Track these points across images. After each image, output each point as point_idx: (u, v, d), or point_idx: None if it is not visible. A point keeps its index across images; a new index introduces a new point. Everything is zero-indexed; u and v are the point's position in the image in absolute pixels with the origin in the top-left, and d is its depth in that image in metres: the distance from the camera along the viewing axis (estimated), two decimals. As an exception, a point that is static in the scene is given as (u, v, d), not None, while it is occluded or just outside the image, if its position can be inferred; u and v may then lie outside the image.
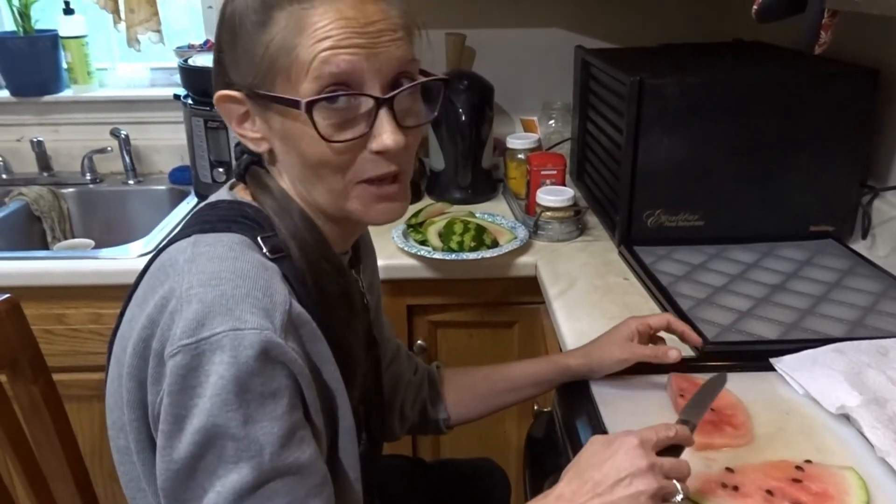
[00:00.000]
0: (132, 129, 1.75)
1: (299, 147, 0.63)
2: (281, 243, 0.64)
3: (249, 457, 0.56)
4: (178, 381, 0.55)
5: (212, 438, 0.55)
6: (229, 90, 0.64)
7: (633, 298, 1.11)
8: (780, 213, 1.25)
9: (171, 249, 0.64)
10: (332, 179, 0.64)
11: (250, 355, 0.55)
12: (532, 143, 1.51)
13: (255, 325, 0.56)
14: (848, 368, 0.84)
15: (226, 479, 0.55)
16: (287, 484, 0.57)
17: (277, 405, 0.57)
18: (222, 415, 0.55)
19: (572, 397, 0.89)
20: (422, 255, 1.26)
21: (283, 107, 0.61)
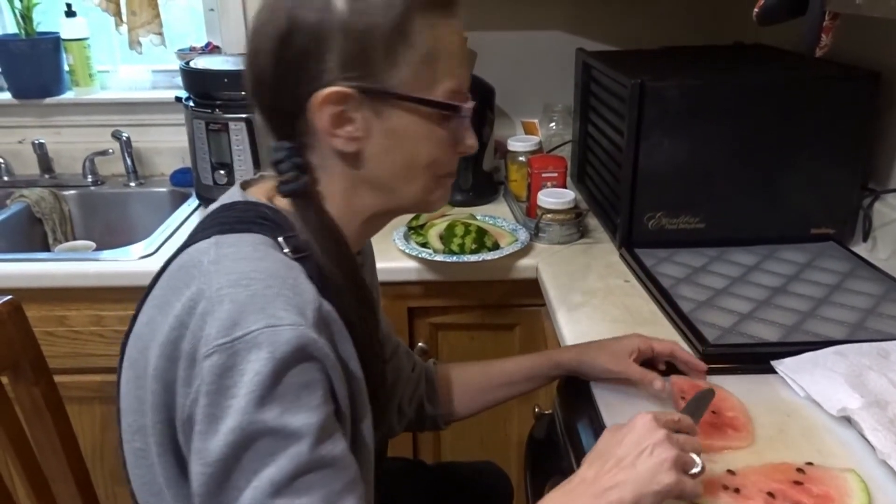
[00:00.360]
0: (133, 132, 1.76)
1: (415, 146, 0.67)
2: (302, 243, 0.65)
3: (287, 447, 0.55)
4: (215, 380, 0.55)
5: (248, 437, 0.54)
6: (332, 88, 0.62)
7: (634, 301, 1.11)
8: (780, 215, 1.25)
9: (191, 251, 0.64)
10: (427, 176, 0.69)
11: (287, 351, 0.55)
12: (533, 146, 1.51)
13: (291, 321, 0.56)
14: (849, 371, 0.84)
15: (262, 474, 0.55)
16: (323, 477, 0.56)
17: (312, 397, 0.57)
18: (258, 410, 0.54)
19: (573, 399, 0.89)
20: (423, 258, 1.26)
21: (410, 107, 0.65)
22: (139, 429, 0.64)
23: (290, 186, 0.67)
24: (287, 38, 0.62)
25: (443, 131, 0.68)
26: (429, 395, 0.95)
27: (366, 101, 0.64)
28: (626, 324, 1.04)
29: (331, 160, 0.67)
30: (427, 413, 0.95)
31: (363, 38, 0.62)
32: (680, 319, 1.00)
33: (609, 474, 0.59)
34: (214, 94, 1.45)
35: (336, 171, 0.68)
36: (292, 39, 0.62)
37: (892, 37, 1.21)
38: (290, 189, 0.67)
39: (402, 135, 0.66)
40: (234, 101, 1.43)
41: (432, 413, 0.95)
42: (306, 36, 0.62)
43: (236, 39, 1.73)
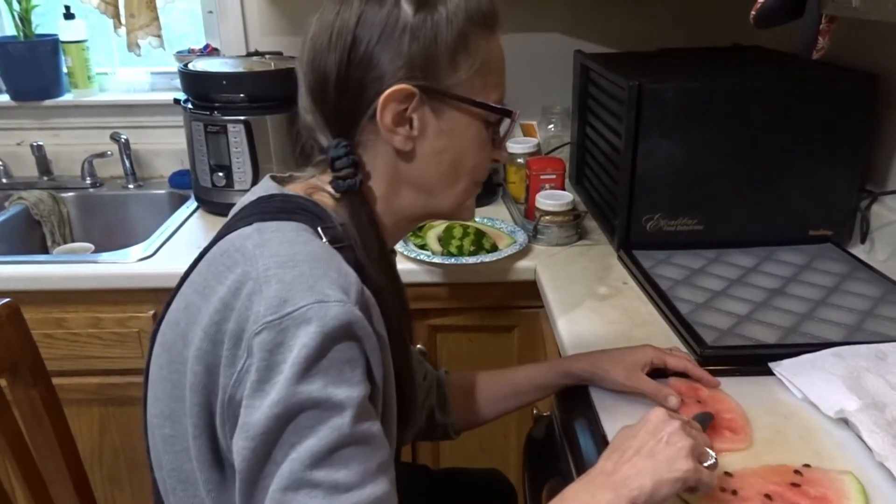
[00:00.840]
0: (132, 134, 1.76)
1: (464, 148, 0.71)
2: (341, 235, 0.67)
3: (328, 419, 0.56)
4: (265, 356, 0.56)
5: (291, 409, 0.55)
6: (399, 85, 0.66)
7: (632, 303, 1.11)
8: (779, 217, 1.25)
9: (231, 237, 0.65)
10: (467, 181, 0.73)
11: (335, 326, 0.56)
12: (531, 148, 1.52)
13: (338, 298, 0.58)
14: (846, 373, 0.84)
15: (302, 446, 0.55)
16: (361, 452, 0.57)
17: (354, 373, 0.58)
18: (303, 383, 0.55)
19: (572, 402, 0.89)
20: (421, 260, 1.26)
21: (465, 109, 0.69)
22: (171, 414, 0.65)
23: (346, 183, 0.69)
24: (357, 41, 0.66)
25: (487, 136, 0.72)
26: (440, 403, 0.95)
27: (426, 102, 0.68)
28: (624, 326, 1.04)
29: (381, 158, 0.71)
30: (438, 422, 0.95)
31: (430, 42, 0.66)
32: (678, 321, 1.00)
33: (628, 464, 0.61)
34: (213, 96, 1.45)
35: (384, 171, 0.71)
36: (361, 42, 0.66)
37: (888, 39, 1.22)
38: (346, 185, 0.69)
39: (455, 135, 0.70)
40: (232, 103, 1.44)
41: (443, 422, 0.95)
42: (375, 39, 0.66)
43: (235, 41, 1.73)
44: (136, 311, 1.33)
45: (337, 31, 0.67)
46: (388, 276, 0.69)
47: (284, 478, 0.55)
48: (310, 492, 0.54)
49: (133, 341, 1.34)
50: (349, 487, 0.55)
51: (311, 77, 0.69)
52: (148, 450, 0.70)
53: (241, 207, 0.71)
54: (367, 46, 0.66)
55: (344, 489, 0.55)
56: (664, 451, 0.61)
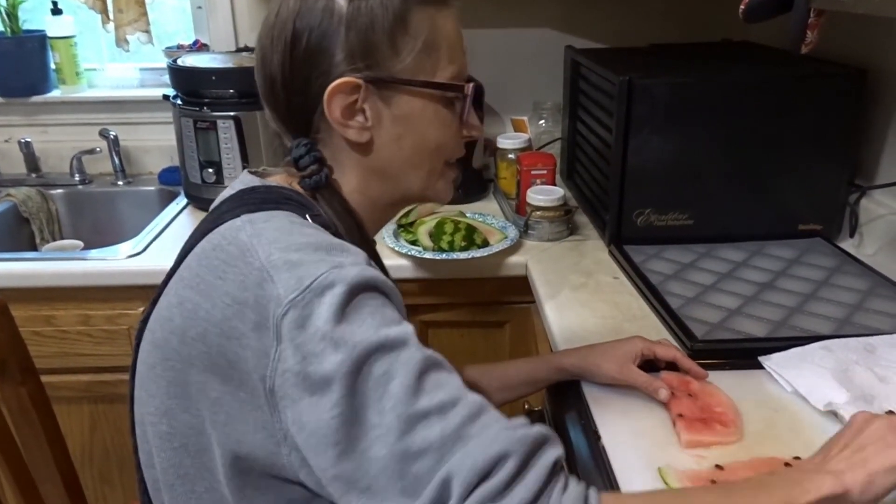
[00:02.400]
0: (121, 130, 1.75)
1: (424, 131, 0.70)
2: (328, 222, 0.67)
3: (397, 354, 0.54)
4: (295, 336, 0.55)
5: (356, 364, 0.53)
6: (343, 78, 0.65)
7: (623, 297, 1.11)
8: (768, 212, 1.25)
9: (221, 231, 0.64)
10: (435, 162, 0.72)
11: (359, 281, 0.56)
12: (522, 143, 1.52)
13: (353, 261, 0.58)
14: (836, 366, 0.85)
15: (389, 394, 0.53)
16: (444, 374, 0.56)
17: (395, 314, 0.58)
18: (351, 337, 0.54)
19: (563, 396, 0.89)
20: (412, 255, 1.26)
21: (416, 92, 0.68)
22: (167, 411, 0.64)
23: (313, 180, 0.69)
24: (295, 40, 0.66)
25: (448, 114, 0.71)
26: None
27: (374, 91, 0.67)
28: (614, 320, 1.04)
29: (343, 152, 0.71)
30: None
31: (367, 29, 0.66)
32: (668, 316, 1.00)
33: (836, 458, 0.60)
34: (202, 91, 1.44)
35: (349, 163, 0.71)
36: (300, 40, 0.66)
37: (877, 34, 1.22)
38: (313, 182, 0.69)
39: (411, 120, 0.69)
40: (222, 98, 1.43)
41: None
42: (313, 35, 0.66)
43: (224, 37, 1.72)
44: (125, 308, 1.32)
45: (278, 32, 0.67)
46: (375, 263, 0.69)
47: (393, 428, 0.52)
48: (425, 422, 0.52)
49: (123, 338, 1.33)
50: (455, 401, 0.54)
51: (261, 80, 0.70)
52: (136, 448, 0.69)
53: (222, 201, 0.71)
54: (307, 42, 0.66)
55: (451, 405, 0.54)
56: (875, 448, 0.60)
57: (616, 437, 0.78)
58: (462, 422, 0.53)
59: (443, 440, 0.52)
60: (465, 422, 0.53)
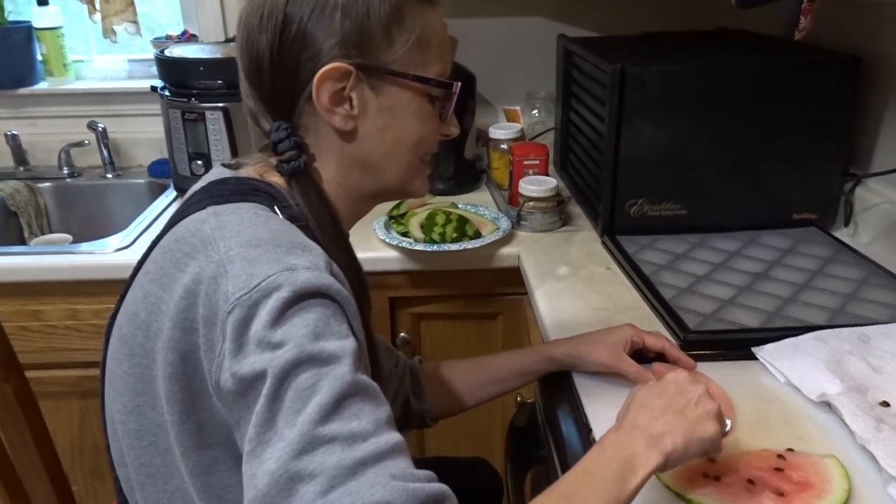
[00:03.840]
0: (110, 122, 1.73)
1: (406, 124, 0.69)
2: (298, 214, 0.66)
3: (328, 370, 0.52)
4: (236, 336, 0.54)
5: (281, 374, 0.52)
6: (334, 64, 0.64)
7: (616, 288, 1.10)
8: (763, 201, 1.24)
9: (186, 222, 0.63)
10: (413, 157, 0.72)
11: (308, 287, 0.55)
12: (515, 134, 1.50)
13: (307, 265, 0.57)
14: (829, 356, 0.84)
15: (306, 408, 0.51)
16: (368, 402, 0.54)
17: (341, 327, 0.56)
18: (285, 343, 0.52)
19: (554, 388, 0.88)
20: (403, 247, 1.25)
21: (405, 84, 0.67)
22: (134, 409, 0.63)
23: (290, 165, 0.68)
24: (287, 21, 0.65)
25: (431, 110, 0.71)
26: (414, 391, 0.94)
27: (363, 79, 0.67)
28: (607, 312, 1.03)
29: (326, 139, 0.69)
30: (413, 409, 0.94)
31: (362, 18, 0.65)
32: (661, 307, 0.99)
33: (661, 420, 0.61)
34: (190, 82, 1.42)
35: (329, 151, 0.70)
36: (292, 22, 0.65)
37: (873, 21, 1.21)
38: (290, 168, 0.68)
39: (396, 112, 0.69)
40: (210, 89, 1.41)
41: (419, 409, 0.94)
42: (306, 18, 0.65)
43: (213, 27, 1.70)
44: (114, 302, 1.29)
45: (268, 12, 0.65)
46: (346, 256, 0.68)
47: (294, 444, 0.50)
48: (327, 448, 0.50)
49: (112, 333, 1.31)
50: (366, 436, 0.51)
51: (246, 60, 0.68)
52: (108, 447, 0.68)
53: (192, 193, 0.70)
54: (299, 25, 0.65)
55: (361, 438, 0.51)
56: (695, 411, 0.62)
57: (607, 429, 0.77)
58: (363, 459, 0.50)
59: (336, 471, 0.50)
60: (367, 460, 0.51)
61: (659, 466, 0.59)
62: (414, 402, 0.93)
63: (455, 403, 0.94)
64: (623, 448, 0.59)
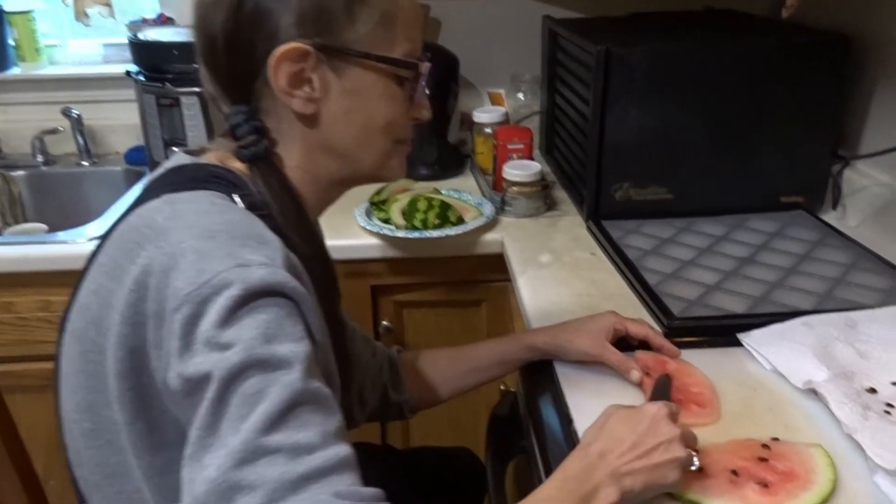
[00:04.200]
0: (85, 109, 1.68)
1: (373, 107, 0.66)
2: (260, 202, 0.63)
3: (277, 376, 0.50)
4: (183, 334, 0.51)
5: (228, 377, 0.49)
6: (291, 44, 0.61)
7: (601, 275, 1.08)
8: (750, 184, 1.22)
9: (140, 211, 0.60)
10: (385, 140, 0.68)
11: (260, 285, 0.52)
12: (499, 117, 1.47)
13: (261, 261, 0.54)
14: (816, 342, 0.82)
15: (252, 415, 0.48)
16: (318, 412, 0.51)
17: (296, 328, 0.53)
18: (233, 345, 0.50)
19: (536, 377, 0.86)
20: (385, 234, 1.22)
21: (369, 65, 0.64)
22: (89, 407, 0.60)
23: (250, 151, 0.65)
24: None
25: (400, 92, 0.67)
26: (393, 382, 0.92)
27: (324, 60, 0.63)
28: (591, 298, 1.01)
29: (288, 124, 0.66)
30: (392, 400, 0.91)
31: None
32: (646, 293, 0.97)
33: (625, 459, 0.60)
34: (165, 67, 1.38)
35: (293, 135, 0.67)
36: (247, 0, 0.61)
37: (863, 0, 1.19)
38: (250, 153, 0.65)
39: (361, 94, 0.65)
40: (185, 74, 1.38)
41: (397, 400, 0.91)
42: None
43: (190, 10, 1.65)
44: (89, 293, 1.27)
45: None
46: (312, 245, 0.65)
47: (236, 453, 0.47)
48: (270, 459, 0.48)
49: (87, 324, 1.28)
50: (312, 448, 0.49)
51: (202, 41, 0.65)
52: (65, 447, 0.66)
53: (149, 181, 0.66)
54: (255, 3, 0.61)
55: (306, 450, 0.49)
56: (661, 457, 0.61)
57: (589, 420, 0.74)
58: (307, 473, 0.48)
59: (277, 485, 0.47)
60: (311, 475, 0.48)
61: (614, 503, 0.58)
62: (392, 393, 0.91)
63: (434, 394, 0.92)
64: (585, 480, 0.59)
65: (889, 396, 0.75)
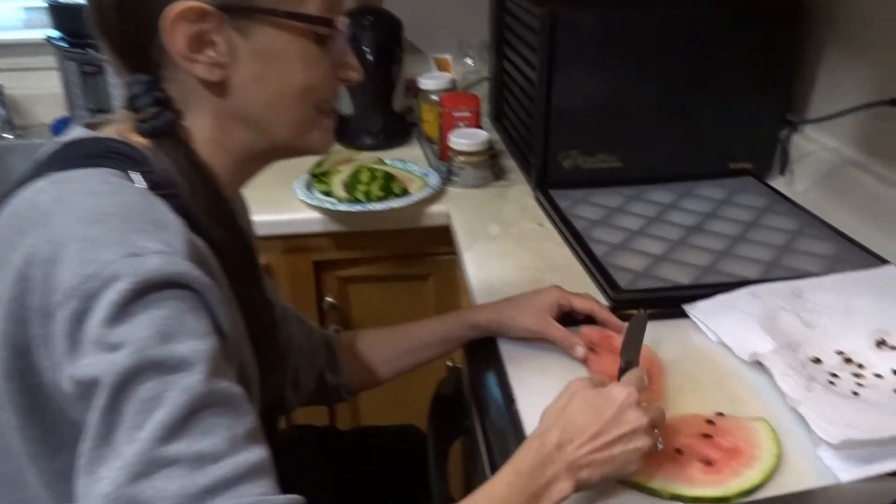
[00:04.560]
0: (6, 77, 1.57)
1: (289, 70, 0.60)
2: (164, 180, 0.56)
3: (176, 379, 0.46)
4: (69, 333, 0.46)
5: (120, 381, 0.45)
6: (187, 3, 0.54)
7: (548, 246, 1.05)
8: (700, 151, 1.20)
9: (24, 194, 0.54)
10: (304, 108, 0.62)
11: (155, 277, 0.47)
12: (446, 84, 1.42)
13: (157, 249, 0.48)
14: (762, 312, 0.80)
15: (149, 423, 0.44)
16: (224, 415, 0.47)
17: (199, 323, 0.49)
18: (125, 345, 0.45)
19: (479, 354, 0.83)
20: (326, 208, 1.17)
21: (280, 24, 0.58)
22: None
23: (151, 124, 0.58)
24: None
25: (319, 53, 0.61)
26: (330, 364, 0.87)
27: (228, 20, 0.57)
28: (538, 271, 0.98)
29: (194, 92, 0.60)
30: (329, 383, 0.87)
31: None
32: (593, 265, 0.94)
33: (584, 450, 0.56)
34: (87, 32, 1.29)
35: (201, 105, 0.60)
36: None
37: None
38: (151, 127, 0.58)
39: (273, 57, 0.59)
40: (110, 39, 1.29)
41: (334, 383, 0.87)
42: None
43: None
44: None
45: None
46: (226, 226, 0.60)
47: (131, 466, 0.44)
48: (168, 471, 0.44)
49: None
50: (217, 457, 0.45)
51: (93, 4, 0.58)
52: None
53: (39, 157, 0.60)
54: None
55: (210, 459, 0.45)
56: (622, 449, 0.57)
57: (533, 399, 0.72)
58: (210, 485, 0.44)
59: (177, 499, 0.43)
60: (215, 486, 0.44)
61: (567, 496, 0.56)
62: (329, 376, 0.87)
63: (373, 375, 0.88)
64: (539, 475, 0.55)
65: (834, 366, 0.74)
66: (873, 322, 0.79)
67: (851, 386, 0.71)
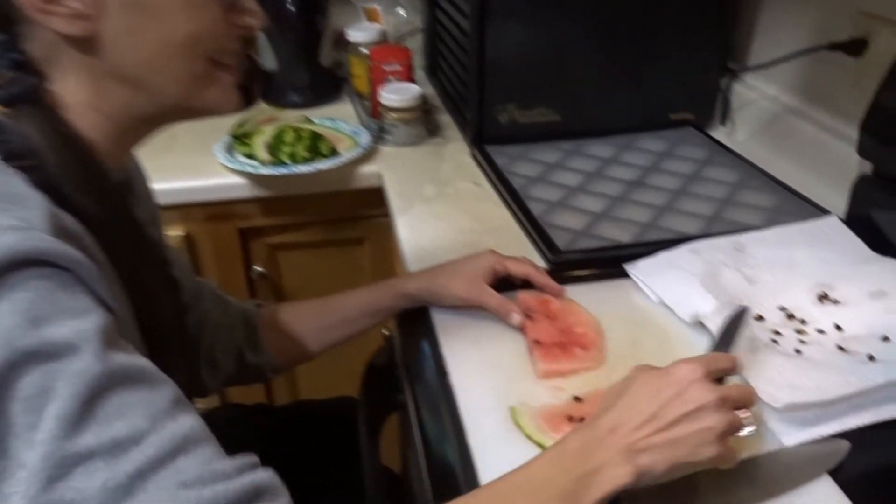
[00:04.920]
0: None
1: (168, 19, 0.52)
2: (22, 150, 0.49)
3: (62, 365, 0.40)
4: None
5: None
6: None
7: (485, 205, 1.00)
8: (639, 102, 1.16)
9: None
10: (191, 62, 0.55)
11: (13, 257, 0.40)
12: (376, 36, 1.34)
13: (11, 224, 0.42)
14: (703, 270, 0.77)
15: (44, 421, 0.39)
16: (133, 393, 0.42)
17: (76, 300, 0.42)
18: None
19: (411, 324, 0.78)
20: (248, 172, 1.09)
21: None
22: None
23: (11, 90, 0.51)
24: None
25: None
26: (250, 342, 0.81)
27: None
28: (473, 234, 0.93)
29: (59, 51, 0.52)
30: (249, 362, 0.81)
31: None
32: (531, 225, 0.90)
33: (642, 433, 0.49)
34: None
35: (70, 65, 0.52)
36: None
37: None
38: (11, 93, 0.51)
39: (147, 5, 0.52)
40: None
41: (255, 362, 0.81)
42: None
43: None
44: None
45: None
46: (104, 200, 0.53)
47: (38, 473, 0.38)
48: (84, 467, 0.39)
49: None
50: (137, 438, 0.40)
51: None
52: None
53: None
54: None
55: (131, 442, 0.40)
56: (688, 431, 0.49)
57: (466, 371, 0.68)
58: (138, 470, 0.39)
59: (103, 495, 0.38)
60: (144, 469, 0.40)
61: (625, 486, 0.48)
62: (249, 355, 0.80)
63: (299, 350, 0.83)
64: (587, 457, 0.48)
65: (776, 323, 0.72)
66: (815, 275, 0.76)
67: (794, 343, 0.69)
